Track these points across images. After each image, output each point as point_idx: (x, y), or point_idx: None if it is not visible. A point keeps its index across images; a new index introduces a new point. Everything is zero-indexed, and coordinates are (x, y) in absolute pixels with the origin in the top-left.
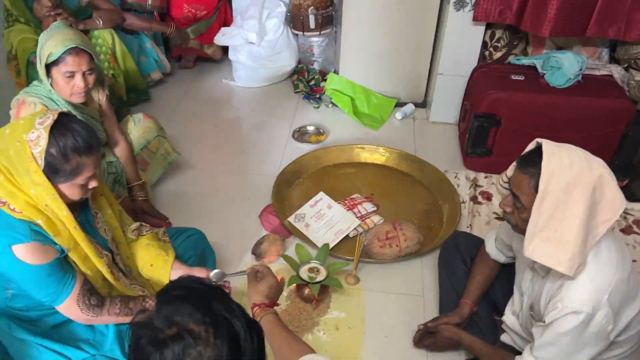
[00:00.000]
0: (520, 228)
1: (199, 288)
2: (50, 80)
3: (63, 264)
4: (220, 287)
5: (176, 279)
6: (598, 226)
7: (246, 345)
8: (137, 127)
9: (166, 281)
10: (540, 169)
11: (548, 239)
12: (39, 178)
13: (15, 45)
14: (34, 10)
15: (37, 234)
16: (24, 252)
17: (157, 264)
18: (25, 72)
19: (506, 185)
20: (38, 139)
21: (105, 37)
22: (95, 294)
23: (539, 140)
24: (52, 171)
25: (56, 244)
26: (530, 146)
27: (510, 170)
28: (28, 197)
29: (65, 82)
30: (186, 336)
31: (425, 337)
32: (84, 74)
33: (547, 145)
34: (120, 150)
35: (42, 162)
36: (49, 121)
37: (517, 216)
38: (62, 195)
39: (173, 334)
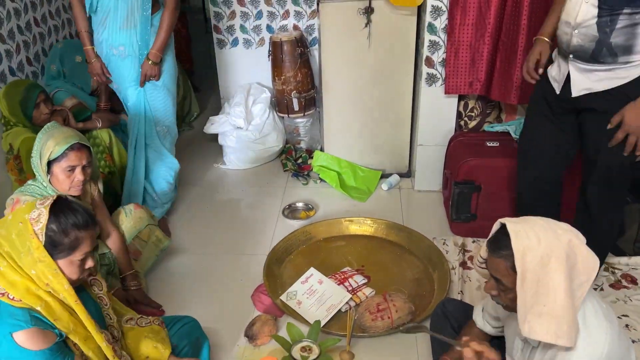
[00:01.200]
0: (510, 308)
1: None
2: (49, 176)
3: (62, 348)
4: None
5: None
6: (579, 288)
7: None
8: (129, 217)
9: None
10: (511, 250)
11: (540, 314)
12: (40, 254)
13: (17, 145)
14: (33, 119)
15: (37, 320)
16: (25, 338)
17: (153, 357)
18: (30, 169)
19: (483, 266)
20: (39, 217)
21: (103, 137)
22: None
23: (501, 220)
24: (53, 246)
25: (55, 328)
26: (495, 228)
27: (483, 251)
28: (28, 283)
29: (65, 176)
30: None
31: None
32: (83, 167)
33: (511, 225)
34: (112, 242)
35: (43, 238)
36: (49, 201)
37: (505, 297)
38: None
39: None
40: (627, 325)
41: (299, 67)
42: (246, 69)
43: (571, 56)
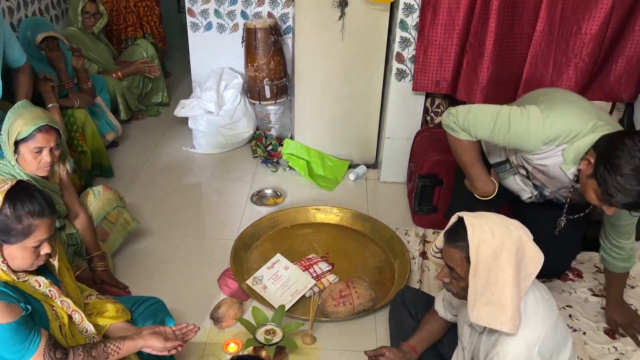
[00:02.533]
0: (460, 295)
1: None
2: (16, 156)
3: (28, 321)
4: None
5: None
6: (525, 280)
7: None
8: (97, 199)
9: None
10: (467, 241)
11: (488, 302)
12: None
13: None
14: None
15: (1, 294)
16: None
17: (112, 313)
18: None
19: (438, 255)
20: None
21: (78, 116)
22: (59, 348)
23: (459, 214)
24: (5, 232)
25: (20, 302)
26: (453, 220)
27: (439, 242)
28: None
29: (32, 157)
30: None
31: None
32: (51, 149)
33: (468, 219)
34: (80, 222)
35: None
36: (7, 186)
37: (456, 285)
38: (13, 260)
39: None
40: (570, 315)
41: (272, 55)
42: (219, 54)
43: None
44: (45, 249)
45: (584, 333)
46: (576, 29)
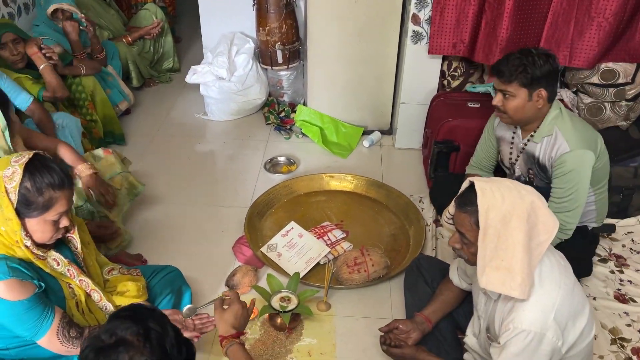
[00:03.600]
0: (471, 261)
1: (142, 310)
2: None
3: (42, 298)
4: (159, 310)
5: (128, 305)
6: (537, 247)
7: (173, 354)
8: (98, 163)
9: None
10: (477, 206)
11: (497, 268)
12: (9, 213)
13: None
14: (2, 58)
15: (15, 271)
16: (3, 288)
17: (132, 292)
18: None
19: (450, 221)
20: (13, 175)
21: (86, 84)
22: (74, 326)
23: (470, 179)
24: (26, 204)
25: (34, 279)
26: (464, 185)
27: (452, 207)
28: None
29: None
30: (122, 344)
31: (392, 347)
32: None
33: (479, 184)
34: (62, 152)
35: (15, 197)
36: (25, 159)
37: (467, 251)
38: (34, 234)
39: (111, 343)
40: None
41: (283, 18)
42: (230, 18)
43: None
44: (64, 222)
45: (594, 298)
46: None
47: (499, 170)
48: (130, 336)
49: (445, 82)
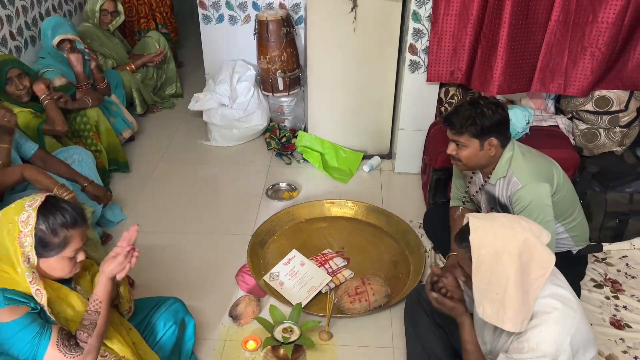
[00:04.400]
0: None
1: None
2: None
3: (37, 318)
4: None
5: None
6: (535, 281)
7: None
8: None
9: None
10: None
11: (492, 300)
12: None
13: None
14: (8, 94)
15: (10, 300)
16: None
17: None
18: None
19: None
20: (27, 219)
21: (90, 115)
22: (72, 336)
23: (468, 215)
24: (43, 245)
25: (30, 302)
26: (464, 221)
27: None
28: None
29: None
30: None
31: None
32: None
33: (473, 220)
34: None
35: (32, 239)
36: (37, 202)
37: (469, 284)
38: (53, 272)
39: None
40: None
41: (284, 47)
42: (232, 46)
43: None
44: (80, 257)
45: (591, 324)
46: (592, 17)
47: None
48: None
49: (442, 108)
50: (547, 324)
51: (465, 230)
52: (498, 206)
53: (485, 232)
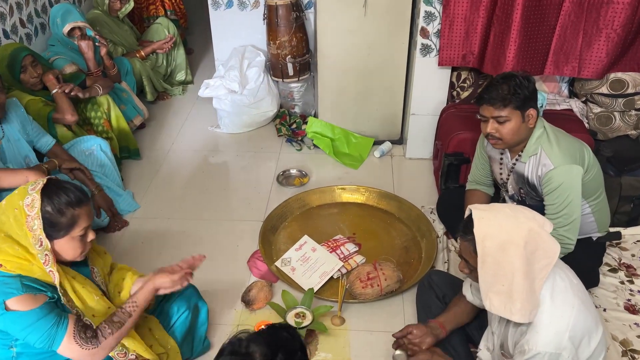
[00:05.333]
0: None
1: (282, 336)
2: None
3: (54, 308)
4: (299, 339)
5: (278, 324)
6: (540, 271)
7: None
8: None
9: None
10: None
11: (499, 292)
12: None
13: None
14: (22, 82)
15: (29, 288)
16: (16, 303)
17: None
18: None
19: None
20: (32, 202)
21: (101, 103)
22: (89, 327)
23: (470, 206)
24: (51, 226)
25: (47, 291)
26: (467, 213)
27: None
28: (20, 258)
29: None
30: (248, 358)
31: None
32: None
33: (476, 212)
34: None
35: (40, 222)
36: (39, 185)
37: (473, 275)
38: (65, 254)
39: (242, 352)
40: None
41: (294, 32)
42: (241, 32)
43: None
44: (90, 236)
45: (604, 310)
46: None
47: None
48: (258, 356)
49: (454, 93)
50: (544, 324)
51: (468, 223)
52: (527, 186)
53: (490, 223)
